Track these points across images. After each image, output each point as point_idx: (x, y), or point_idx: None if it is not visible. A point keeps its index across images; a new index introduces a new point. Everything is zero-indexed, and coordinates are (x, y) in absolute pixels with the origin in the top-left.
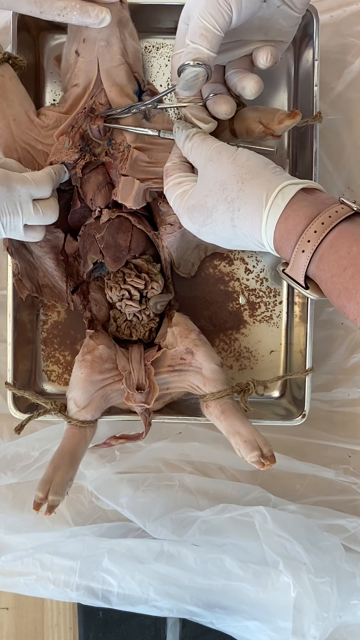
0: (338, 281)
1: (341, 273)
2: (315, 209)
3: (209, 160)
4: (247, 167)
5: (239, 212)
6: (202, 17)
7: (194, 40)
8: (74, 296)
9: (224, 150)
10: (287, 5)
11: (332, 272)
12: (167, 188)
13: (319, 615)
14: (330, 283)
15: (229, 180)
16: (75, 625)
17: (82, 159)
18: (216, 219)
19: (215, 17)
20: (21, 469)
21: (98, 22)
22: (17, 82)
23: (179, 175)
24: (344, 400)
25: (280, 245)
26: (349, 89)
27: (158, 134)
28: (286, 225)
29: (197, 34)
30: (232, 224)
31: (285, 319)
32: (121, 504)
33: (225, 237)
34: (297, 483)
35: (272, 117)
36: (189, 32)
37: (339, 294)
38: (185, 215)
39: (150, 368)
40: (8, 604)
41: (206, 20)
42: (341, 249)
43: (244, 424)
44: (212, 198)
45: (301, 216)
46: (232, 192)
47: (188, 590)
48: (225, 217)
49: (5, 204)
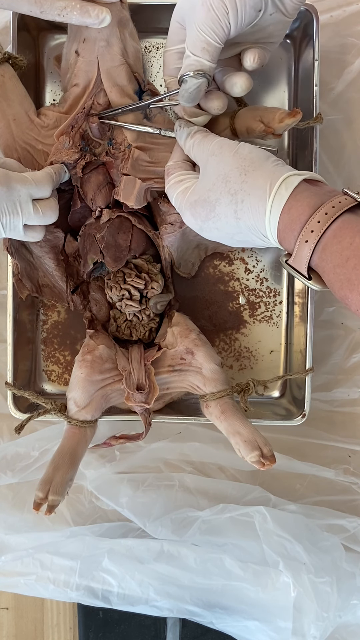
0: (340, 272)
1: (344, 264)
2: (318, 199)
3: (211, 155)
4: (250, 159)
5: (242, 204)
6: (202, 32)
7: (196, 53)
8: (74, 296)
9: (225, 145)
10: (281, 12)
11: (335, 263)
12: (169, 186)
13: (319, 615)
14: (333, 274)
15: (232, 173)
16: (75, 625)
17: (83, 159)
18: (219, 212)
19: (216, 31)
20: (21, 469)
21: (98, 22)
22: (17, 82)
23: (180, 173)
24: (344, 400)
25: (284, 236)
26: (349, 89)
27: (159, 132)
28: (290, 215)
29: (199, 48)
30: (235, 217)
31: (285, 319)
32: (121, 504)
33: (229, 231)
34: (297, 483)
35: (272, 116)
36: (189, 42)
37: (342, 285)
38: (188, 211)
39: (150, 368)
40: (8, 604)
41: (207, 34)
42: (344, 239)
43: (244, 423)
44: (215, 191)
45: (305, 206)
46: (235, 184)
47: (188, 590)
48: (228, 210)
49: (5, 204)
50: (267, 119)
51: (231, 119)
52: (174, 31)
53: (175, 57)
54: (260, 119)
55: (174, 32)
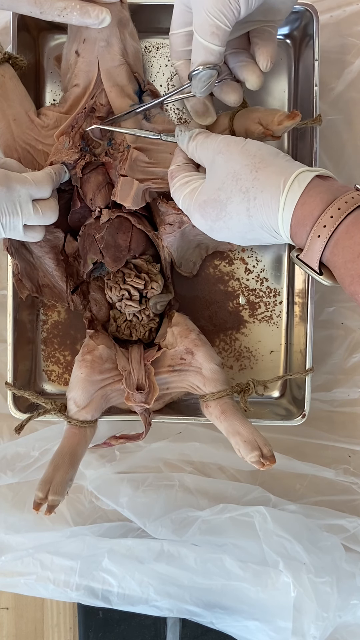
0: (352, 267)
1: (355, 259)
2: (331, 195)
3: (217, 153)
4: (260, 156)
5: (255, 201)
6: (211, 15)
7: (205, 38)
8: (74, 296)
9: (232, 142)
10: None
11: (346, 258)
12: (175, 189)
13: (319, 615)
14: (344, 269)
15: (242, 170)
16: (75, 625)
17: (82, 159)
18: (230, 211)
19: (225, 14)
20: (21, 469)
21: (98, 23)
22: (18, 82)
23: (185, 175)
24: (344, 400)
25: (296, 232)
26: (349, 89)
27: (160, 137)
28: (302, 211)
29: (208, 32)
30: (247, 214)
31: (285, 319)
32: (121, 504)
33: (240, 230)
34: (297, 483)
35: (271, 118)
36: (197, 26)
37: (352, 280)
38: (197, 212)
39: (150, 368)
40: (8, 604)
41: (216, 17)
42: (356, 235)
43: (243, 424)
44: (226, 190)
45: (318, 201)
46: (246, 182)
47: (188, 590)
48: (240, 208)
49: (5, 204)
50: (266, 121)
51: (230, 121)
52: (179, 13)
53: (181, 40)
54: (259, 121)
55: (179, 13)
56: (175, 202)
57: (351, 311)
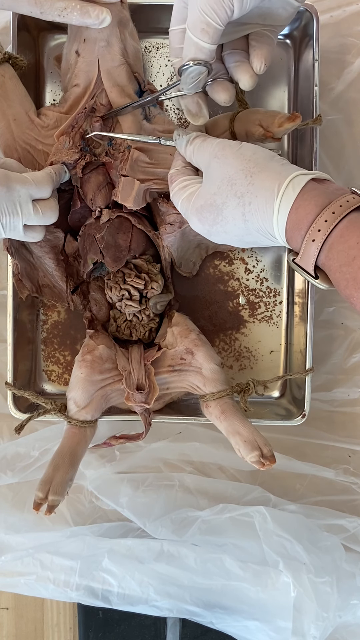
0: (347, 271)
1: (350, 263)
2: (326, 198)
3: (213, 157)
4: (254, 161)
5: (250, 207)
6: (204, 12)
7: (196, 35)
8: (74, 296)
9: (227, 146)
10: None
11: (341, 262)
12: (174, 193)
13: (319, 615)
14: (339, 273)
15: (237, 175)
16: (75, 625)
17: (83, 159)
18: (227, 215)
19: (218, 12)
20: (21, 469)
21: (98, 23)
22: (18, 82)
23: (183, 179)
24: (344, 400)
25: (291, 236)
26: (349, 89)
27: (159, 142)
28: (297, 215)
29: (199, 29)
30: (243, 219)
31: (285, 319)
32: (121, 504)
33: (237, 234)
34: (297, 483)
35: (272, 120)
36: (190, 22)
37: (347, 283)
38: (195, 216)
39: (150, 368)
40: (8, 604)
41: (208, 15)
42: (351, 238)
43: (243, 424)
44: (221, 195)
45: (312, 205)
46: (241, 187)
47: (188, 590)
48: (236, 213)
49: (5, 204)
50: (267, 123)
51: (230, 122)
52: (177, 10)
53: (179, 37)
54: (259, 122)
55: (178, 10)
56: (175, 206)
57: (351, 311)
